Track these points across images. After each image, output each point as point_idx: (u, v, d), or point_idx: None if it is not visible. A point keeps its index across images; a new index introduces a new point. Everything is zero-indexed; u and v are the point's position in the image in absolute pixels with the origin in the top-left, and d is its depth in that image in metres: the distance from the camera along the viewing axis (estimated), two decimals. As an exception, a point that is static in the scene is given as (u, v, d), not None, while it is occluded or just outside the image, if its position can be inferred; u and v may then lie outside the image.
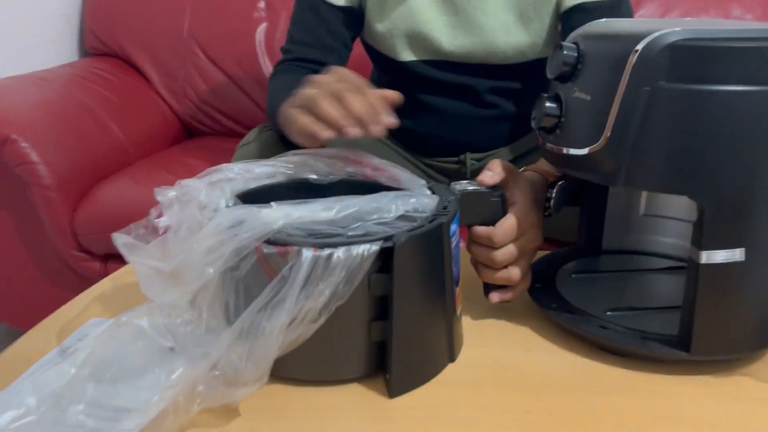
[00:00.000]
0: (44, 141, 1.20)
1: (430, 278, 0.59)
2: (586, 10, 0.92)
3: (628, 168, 0.58)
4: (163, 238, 0.62)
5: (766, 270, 0.58)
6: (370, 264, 0.54)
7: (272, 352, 0.52)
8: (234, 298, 0.56)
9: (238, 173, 0.68)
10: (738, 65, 0.55)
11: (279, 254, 0.53)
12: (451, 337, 0.63)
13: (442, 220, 0.59)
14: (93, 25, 1.68)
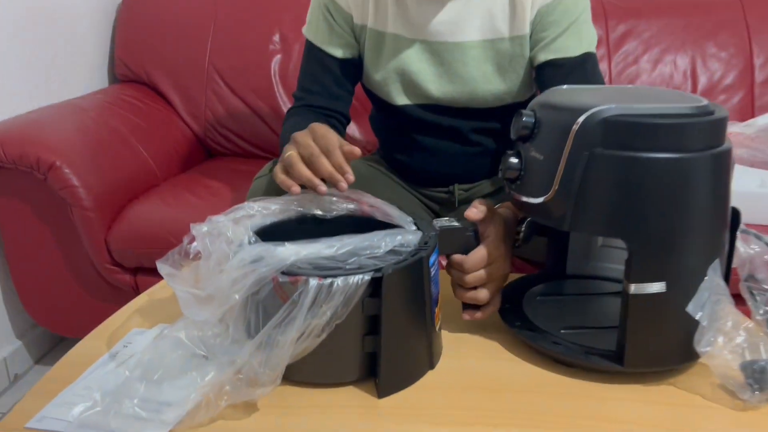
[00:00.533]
0: (83, 166, 1.35)
1: (412, 301, 0.73)
2: (556, 65, 1.05)
3: (572, 215, 0.72)
4: (195, 265, 0.76)
5: (682, 299, 0.71)
6: (364, 290, 0.68)
7: (285, 360, 0.66)
8: (254, 317, 0.70)
9: (258, 210, 0.82)
10: (658, 137, 0.68)
11: (291, 283, 0.67)
12: (431, 348, 0.77)
13: (423, 254, 0.73)
14: (122, 55, 1.83)
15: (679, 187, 0.70)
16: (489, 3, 1.06)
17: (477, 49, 1.08)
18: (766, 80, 1.63)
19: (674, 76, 1.66)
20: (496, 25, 1.07)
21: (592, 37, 1.08)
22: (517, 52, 1.08)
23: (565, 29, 1.04)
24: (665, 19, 1.68)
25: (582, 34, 1.06)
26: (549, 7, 1.04)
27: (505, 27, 1.07)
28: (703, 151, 0.70)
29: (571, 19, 1.05)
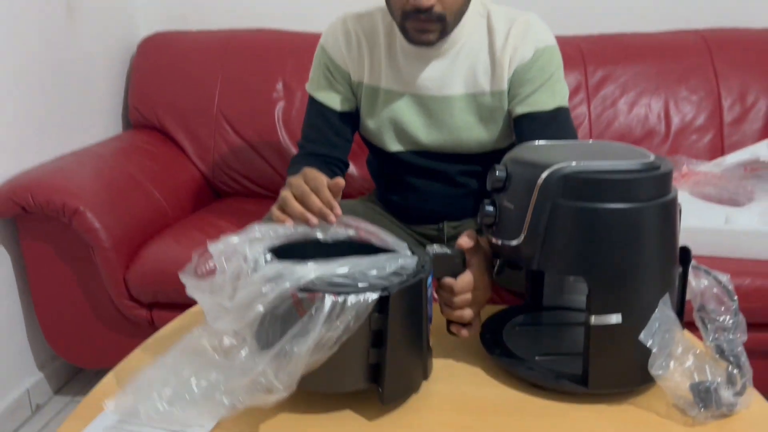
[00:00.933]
0: (102, 210, 1.47)
1: (412, 317, 0.83)
2: (531, 118, 1.17)
3: (539, 256, 0.83)
4: (212, 279, 0.84)
5: (636, 329, 0.82)
6: (372, 307, 0.77)
7: (300, 369, 0.73)
8: (271, 329, 0.77)
9: (265, 233, 0.91)
10: (611, 190, 0.80)
11: (309, 299, 0.75)
12: (426, 360, 0.87)
13: (422, 275, 0.83)
14: (136, 102, 1.96)
15: (631, 233, 0.81)
16: (472, 61, 1.19)
17: (461, 102, 1.20)
18: (734, 121, 1.76)
19: (649, 118, 1.79)
20: (478, 81, 1.19)
21: (564, 93, 1.20)
22: (497, 105, 1.20)
23: (539, 86, 1.17)
24: (640, 65, 1.81)
25: (555, 90, 1.18)
26: (525, 66, 1.16)
27: (486, 83, 1.19)
28: (651, 200, 0.81)
29: (545, 77, 1.17)
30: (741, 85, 1.77)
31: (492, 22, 1.18)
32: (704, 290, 0.93)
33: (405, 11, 1.08)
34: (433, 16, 1.07)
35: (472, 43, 1.19)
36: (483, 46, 1.19)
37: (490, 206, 0.89)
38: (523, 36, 1.16)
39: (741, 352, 0.87)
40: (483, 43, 1.19)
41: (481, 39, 1.19)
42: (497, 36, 1.17)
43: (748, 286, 1.32)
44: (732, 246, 1.36)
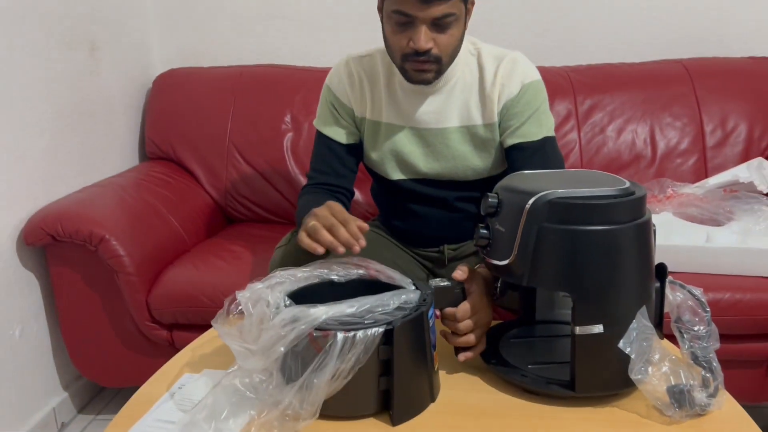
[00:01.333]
0: (126, 237, 1.57)
1: (416, 347, 0.92)
2: (520, 148, 1.28)
3: (529, 274, 0.93)
4: (240, 324, 0.96)
5: (617, 338, 0.92)
6: (379, 340, 0.87)
7: (321, 398, 0.84)
8: (294, 365, 0.88)
9: (287, 277, 1.02)
10: (591, 214, 0.90)
11: (323, 336, 0.86)
12: (432, 385, 0.96)
13: (423, 309, 0.93)
14: (152, 135, 2.07)
15: (610, 252, 0.91)
16: (465, 96, 1.30)
17: (456, 134, 1.31)
18: (715, 145, 1.86)
19: (636, 143, 1.90)
20: (471, 114, 1.30)
21: (550, 124, 1.31)
22: (489, 136, 1.31)
23: (527, 118, 1.28)
24: (626, 93, 1.93)
25: (541, 122, 1.29)
26: (513, 100, 1.27)
27: (479, 116, 1.30)
28: (628, 222, 0.92)
29: (531, 110, 1.28)
30: (722, 111, 1.88)
31: (482, 61, 1.30)
32: (680, 303, 1.03)
33: (404, 53, 1.19)
34: (430, 58, 1.18)
35: (465, 80, 1.30)
36: (474, 83, 1.30)
37: (484, 230, 1.00)
38: (510, 73, 1.27)
39: (713, 357, 0.97)
40: (474, 80, 1.30)
41: (473, 76, 1.30)
42: (487, 73, 1.28)
43: (728, 300, 1.42)
44: (712, 263, 1.46)
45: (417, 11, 1.13)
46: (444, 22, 1.15)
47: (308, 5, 2.15)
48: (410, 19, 1.15)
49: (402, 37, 1.17)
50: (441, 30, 1.16)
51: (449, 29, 1.17)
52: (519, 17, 2.04)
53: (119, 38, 2.04)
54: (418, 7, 1.12)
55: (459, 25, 1.19)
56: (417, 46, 1.16)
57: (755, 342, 1.46)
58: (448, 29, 1.17)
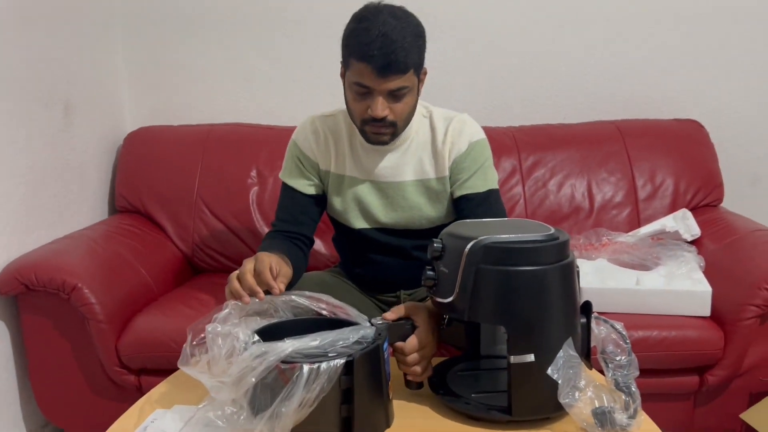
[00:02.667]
0: (97, 286, 1.65)
1: (374, 377, 1.03)
2: (467, 199, 1.42)
3: (468, 310, 1.06)
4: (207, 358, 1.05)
5: (547, 366, 1.04)
6: (341, 370, 0.97)
7: (289, 426, 0.94)
8: (263, 396, 0.97)
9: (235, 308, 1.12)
10: (521, 256, 1.04)
11: (290, 368, 0.95)
12: (387, 412, 1.07)
13: (379, 342, 1.05)
14: (122, 190, 2.16)
15: (539, 289, 1.04)
16: (419, 153, 1.45)
17: (412, 186, 1.45)
18: (646, 198, 2.05)
19: (575, 196, 2.07)
20: (425, 169, 1.44)
21: (494, 178, 1.46)
22: (441, 188, 1.45)
23: (473, 173, 1.42)
24: (566, 151, 2.11)
25: (486, 176, 1.44)
26: (461, 156, 1.42)
27: (432, 170, 1.44)
28: (553, 264, 1.06)
29: (477, 165, 1.43)
30: (651, 167, 2.07)
31: (433, 122, 1.45)
32: (605, 336, 1.16)
33: (363, 119, 1.33)
34: (386, 124, 1.32)
35: (419, 139, 1.45)
36: (427, 142, 1.45)
37: (431, 271, 1.12)
38: (459, 132, 1.43)
39: (632, 383, 1.09)
40: (427, 139, 1.45)
41: (425, 136, 1.45)
42: (438, 133, 1.44)
43: (656, 338, 1.56)
44: (642, 303, 1.61)
45: (375, 84, 1.27)
46: (399, 93, 1.29)
47: (272, 68, 2.30)
48: (368, 90, 1.28)
49: (361, 104, 1.31)
50: (396, 100, 1.30)
51: (403, 99, 1.31)
52: (468, 82, 2.23)
53: (92, 98, 2.15)
54: (375, 81, 1.26)
55: (412, 95, 1.34)
56: (374, 114, 1.29)
57: (682, 376, 1.60)
58: (403, 99, 1.31)
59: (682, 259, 1.67)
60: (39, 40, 1.86)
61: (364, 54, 1.24)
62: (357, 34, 1.26)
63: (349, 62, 1.29)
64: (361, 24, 1.27)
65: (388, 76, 1.26)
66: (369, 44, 1.23)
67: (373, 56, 1.23)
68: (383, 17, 1.25)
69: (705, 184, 2.06)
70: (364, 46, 1.24)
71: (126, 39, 2.30)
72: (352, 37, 1.28)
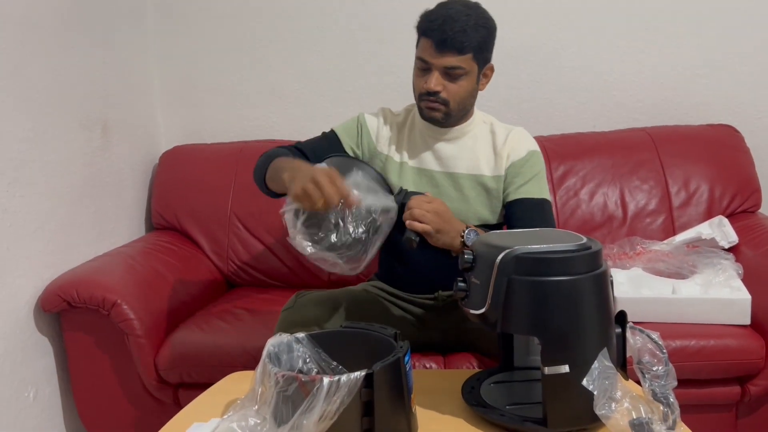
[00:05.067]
0: (135, 302, 1.69)
1: (395, 390, 1.03)
2: (522, 203, 1.43)
3: (501, 321, 1.06)
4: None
5: (582, 377, 1.03)
6: (361, 383, 0.98)
7: None
8: (285, 409, 0.98)
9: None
10: (553, 267, 1.04)
11: (311, 381, 0.96)
12: (410, 425, 1.07)
13: (400, 354, 1.05)
14: (158, 207, 2.21)
15: (572, 299, 1.04)
16: (476, 151, 1.47)
17: (465, 180, 1.47)
18: (681, 205, 2.02)
19: (608, 205, 2.05)
20: (480, 166, 1.47)
21: (548, 191, 1.48)
22: (493, 186, 1.47)
23: (529, 179, 1.45)
24: (596, 159, 2.09)
25: (541, 186, 1.46)
26: (519, 162, 1.45)
27: (487, 169, 1.47)
28: (586, 273, 1.05)
29: (533, 173, 1.46)
30: (684, 174, 2.04)
31: (494, 128, 1.51)
32: (641, 346, 1.14)
33: (421, 93, 1.41)
34: (438, 99, 1.39)
35: (476, 138, 1.49)
36: (486, 142, 1.49)
37: (462, 282, 1.13)
38: (519, 140, 1.48)
39: (670, 393, 1.08)
40: (486, 140, 1.49)
41: (485, 137, 1.50)
42: (498, 137, 1.49)
43: (693, 347, 1.53)
44: (678, 313, 1.58)
45: (432, 58, 1.36)
46: (455, 72, 1.36)
47: (302, 85, 2.34)
48: (428, 66, 1.37)
49: (421, 79, 1.40)
50: (451, 79, 1.38)
51: (459, 80, 1.38)
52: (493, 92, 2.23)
53: (129, 118, 2.21)
54: (433, 56, 1.36)
55: (469, 80, 1.40)
56: (428, 86, 1.37)
57: (722, 386, 1.57)
58: (458, 80, 1.38)
59: (720, 267, 1.64)
60: (76, 60, 1.93)
61: (427, 29, 1.36)
62: (428, 13, 1.39)
63: (418, 39, 1.40)
64: (435, 7, 1.39)
65: (444, 52, 1.35)
66: (433, 21, 1.35)
67: (434, 31, 1.35)
68: (455, 4, 1.38)
69: (741, 189, 2.02)
70: (429, 23, 1.36)
71: (160, 58, 2.36)
72: (423, 16, 1.39)
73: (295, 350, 1.17)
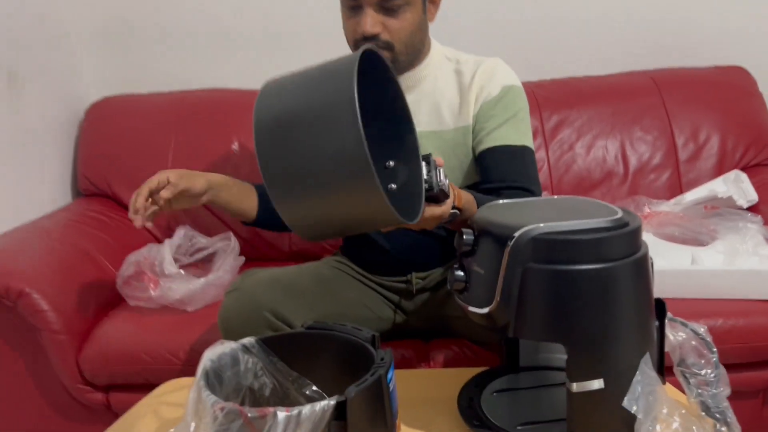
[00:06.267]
0: (51, 290, 1.38)
1: (375, 419, 0.78)
2: (495, 152, 1.16)
3: (514, 323, 0.80)
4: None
5: (619, 392, 0.79)
6: (330, 414, 0.73)
7: None
8: None
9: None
10: (582, 251, 0.77)
11: (260, 417, 0.71)
12: (396, 457, 0.82)
13: (381, 372, 0.79)
14: (85, 170, 1.89)
15: (606, 294, 0.78)
16: (437, 99, 1.20)
17: (423, 140, 1.18)
18: (688, 159, 1.78)
19: (607, 160, 1.80)
20: (442, 118, 1.20)
21: (530, 135, 1.20)
22: (459, 140, 1.19)
23: (504, 121, 1.17)
24: (593, 108, 1.83)
25: (520, 129, 1.19)
26: (491, 102, 1.17)
27: (451, 119, 1.20)
28: (623, 259, 0.79)
29: (510, 114, 1.18)
30: (692, 123, 1.80)
31: (460, 66, 1.22)
32: (683, 343, 0.91)
33: (356, 39, 1.13)
34: (380, 44, 1.11)
35: (438, 83, 1.21)
36: (449, 86, 1.21)
37: (460, 271, 0.86)
38: (490, 75, 1.20)
39: (727, 407, 0.85)
40: (450, 83, 1.21)
41: (448, 80, 1.21)
42: (464, 76, 1.20)
43: (722, 327, 1.30)
44: (700, 286, 1.35)
45: None
46: (392, 4, 1.10)
47: (255, 24, 2.00)
48: (357, 3, 1.11)
49: (352, 22, 1.13)
50: (390, 14, 1.11)
51: (400, 13, 1.11)
52: (478, 32, 1.93)
53: (44, 63, 1.86)
54: None
55: (414, 11, 1.12)
56: (363, 30, 1.10)
57: (751, 371, 1.35)
58: (399, 13, 1.11)
59: (745, 232, 1.40)
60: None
61: None
62: None
63: None
64: None
65: None
66: None
67: None
68: None
69: (756, 140, 1.79)
70: None
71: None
72: None
73: (242, 362, 0.90)
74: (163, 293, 1.46)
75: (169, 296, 1.46)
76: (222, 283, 1.51)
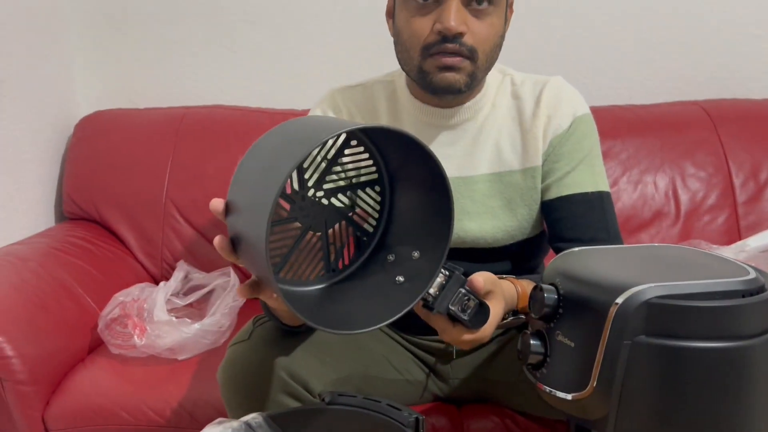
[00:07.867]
0: (19, 331, 1.17)
1: None
2: (570, 202, 0.96)
3: (615, 417, 0.59)
4: None
5: None
6: None
7: None
8: None
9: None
10: (713, 322, 0.57)
11: None
12: None
13: None
14: (72, 192, 1.69)
15: (741, 379, 0.58)
16: (496, 134, 1.00)
17: (484, 184, 1.00)
18: (748, 200, 1.59)
19: (656, 197, 1.61)
20: (504, 158, 1.00)
21: (605, 174, 1.01)
22: (529, 185, 0.99)
23: (578, 163, 0.98)
24: (640, 138, 1.65)
25: (595, 171, 1.00)
26: (562, 138, 0.98)
27: (516, 159, 1.00)
28: (763, 334, 0.59)
29: (584, 153, 0.99)
30: (752, 159, 1.61)
31: (517, 89, 1.01)
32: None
33: (427, 44, 0.90)
34: (463, 48, 0.89)
35: (497, 112, 1.01)
36: (509, 115, 1.01)
37: (536, 339, 0.66)
38: (556, 103, 0.99)
39: None
40: (509, 112, 1.01)
41: (506, 106, 1.01)
42: (525, 103, 1.00)
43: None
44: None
45: None
46: (479, 7, 0.89)
47: (264, 38, 1.83)
48: None
49: (425, 20, 0.90)
50: (476, 14, 0.90)
51: (486, 15, 0.90)
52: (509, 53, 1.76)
53: (31, 73, 1.68)
54: None
55: (498, 15, 0.92)
56: (446, 25, 0.87)
57: None
58: (485, 15, 0.90)
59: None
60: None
61: None
62: None
63: None
64: None
65: None
66: None
67: None
68: None
69: (822, 180, 1.61)
70: None
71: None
72: None
73: (246, 446, 0.69)
74: (150, 342, 1.25)
75: (158, 345, 1.25)
76: (219, 328, 1.30)
